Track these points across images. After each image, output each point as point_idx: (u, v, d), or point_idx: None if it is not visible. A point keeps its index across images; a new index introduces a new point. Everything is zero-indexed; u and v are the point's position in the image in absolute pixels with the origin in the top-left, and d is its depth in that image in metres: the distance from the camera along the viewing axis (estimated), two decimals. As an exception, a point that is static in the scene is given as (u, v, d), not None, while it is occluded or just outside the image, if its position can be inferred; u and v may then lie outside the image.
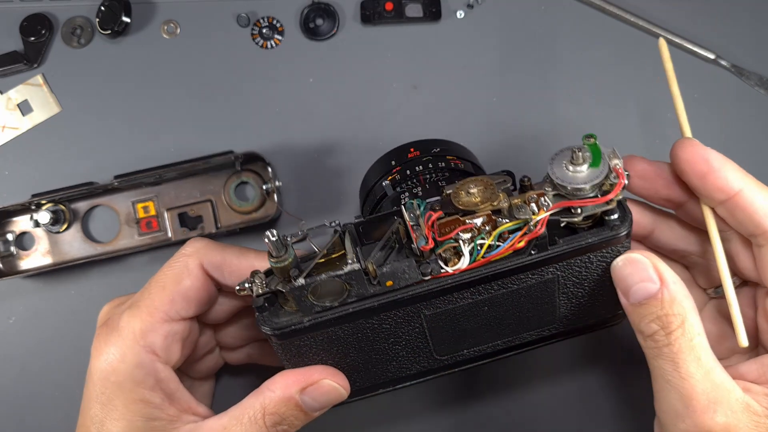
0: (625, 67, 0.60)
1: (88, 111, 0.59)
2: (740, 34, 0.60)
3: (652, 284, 0.38)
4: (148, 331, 0.42)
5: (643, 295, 0.39)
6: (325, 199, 0.59)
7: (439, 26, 0.60)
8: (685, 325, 0.38)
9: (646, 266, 0.39)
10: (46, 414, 0.57)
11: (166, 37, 0.60)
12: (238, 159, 0.56)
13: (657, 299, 0.38)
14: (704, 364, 0.38)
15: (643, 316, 0.39)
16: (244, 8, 0.60)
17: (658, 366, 0.39)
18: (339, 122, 0.59)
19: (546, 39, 0.60)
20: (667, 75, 0.45)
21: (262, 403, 0.42)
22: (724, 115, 0.59)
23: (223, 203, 0.58)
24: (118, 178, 0.56)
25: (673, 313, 0.38)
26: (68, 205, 0.58)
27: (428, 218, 0.38)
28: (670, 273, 0.39)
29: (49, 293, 0.58)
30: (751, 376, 0.40)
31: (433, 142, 0.48)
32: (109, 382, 0.42)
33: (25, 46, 0.59)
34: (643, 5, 0.60)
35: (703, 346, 0.38)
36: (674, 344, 0.38)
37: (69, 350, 0.57)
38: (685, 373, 0.38)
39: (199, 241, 0.45)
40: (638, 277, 0.39)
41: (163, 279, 0.44)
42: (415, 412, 0.57)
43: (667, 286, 0.38)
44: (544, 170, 0.42)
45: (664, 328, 0.38)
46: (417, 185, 0.45)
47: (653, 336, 0.39)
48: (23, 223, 0.58)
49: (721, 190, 0.40)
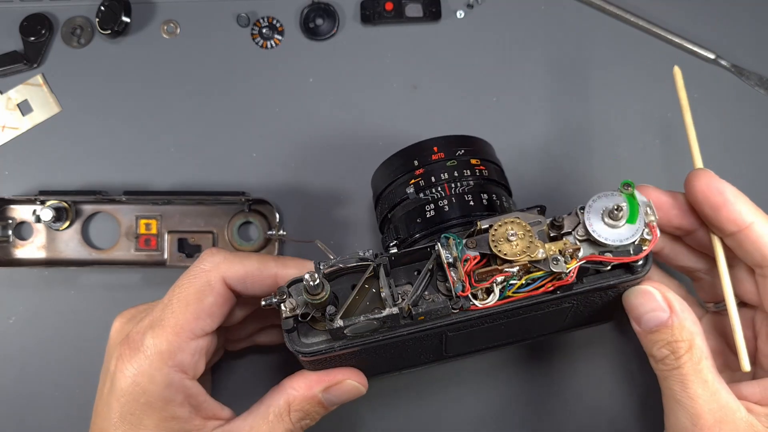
0: (625, 67, 0.60)
1: (88, 111, 0.59)
2: (740, 34, 0.60)
3: (662, 313, 0.42)
4: (176, 350, 0.43)
5: (654, 323, 0.42)
6: (325, 199, 0.59)
7: (439, 26, 0.60)
8: (693, 350, 0.41)
9: (656, 296, 0.42)
10: (46, 414, 0.57)
11: (166, 37, 0.60)
12: (249, 201, 0.56)
13: (667, 326, 0.41)
14: (710, 385, 0.41)
15: (654, 342, 0.42)
16: (244, 8, 0.60)
17: (668, 387, 0.42)
18: (339, 122, 0.59)
19: (546, 39, 0.60)
20: (680, 103, 0.46)
21: (286, 401, 0.45)
22: (724, 115, 0.59)
23: (225, 238, 0.58)
24: (128, 194, 0.56)
25: (682, 338, 0.41)
26: (73, 205, 0.58)
27: (465, 261, 0.40)
28: (679, 301, 0.42)
29: (49, 292, 0.58)
30: (754, 397, 0.43)
31: (456, 140, 0.47)
32: (139, 403, 0.42)
33: (25, 46, 0.59)
34: (643, 5, 0.60)
35: (710, 368, 0.41)
36: (683, 367, 0.41)
37: (69, 350, 0.57)
38: (693, 394, 0.40)
39: (218, 254, 0.45)
40: (649, 306, 0.42)
41: (185, 295, 0.43)
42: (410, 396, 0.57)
43: (677, 314, 0.41)
44: (544, 169, 0.42)
45: (674, 352, 0.41)
46: (443, 196, 0.45)
47: (664, 360, 0.42)
48: (25, 212, 0.58)
49: (733, 222, 0.42)
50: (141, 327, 0.43)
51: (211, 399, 0.46)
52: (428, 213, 0.45)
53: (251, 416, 0.45)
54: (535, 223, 0.40)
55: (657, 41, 0.60)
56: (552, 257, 0.39)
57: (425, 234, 0.45)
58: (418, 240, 0.45)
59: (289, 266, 0.46)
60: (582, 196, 0.58)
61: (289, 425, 0.45)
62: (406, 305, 0.39)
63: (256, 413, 0.45)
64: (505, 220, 0.40)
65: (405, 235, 0.45)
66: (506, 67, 0.60)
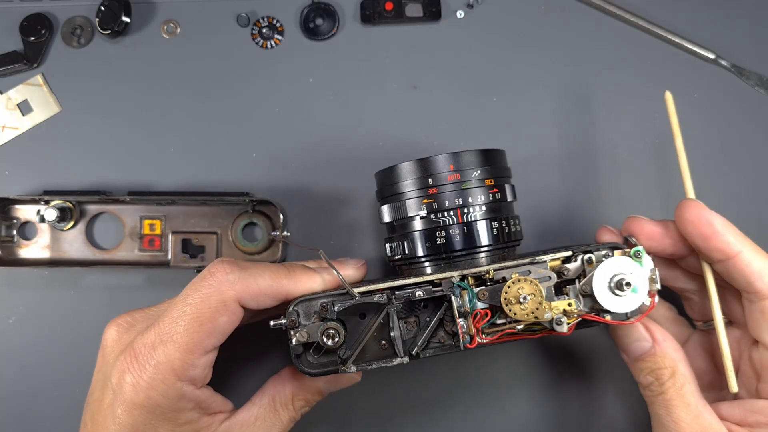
0: (624, 67, 0.60)
1: (88, 111, 0.59)
2: (740, 34, 0.60)
3: (645, 342, 0.46)
4: (189, 366, 0.43)
5: (639, 353, 0.46)
6: (326, 199, 0.59)
7: (439, 26, 0.60)
8: (676, 376, 0.45)
9: (639, 328, 0.46)
10: (46, 414, 0.57)
11: (166, 37, 0.60)
12: (253, 202, 0.56)
13: (650, 355, 0.46)
14: (693, 408, 0.44)
15: (640, 369, 0.46)
16: (244, 8, 0.60)
17: (654, 411, 0.46)
18: (339, 122, 0.59)
19: (546, 39, 0.60)
20: (672, 129, 0.48)
21: (291, 391, 0.48)
22: (724, 115, 0.59)
23: (229, 239, 0.58)
24: (132, 194, 0.56)
25: (665, 366, 0.45)
26: (77, 206, 0.58)
27: (475, 316, 0.43)
28: (660, 331, 0.46)
29: (49, 292, 0.58)
30: (734, 418, 0.45)
31: (473, 157, 0.47)
32: (154, 415, 0.43)
33: (25, 46, 0.59)
34: (643, 5, 0.60)
35: (692, 392, 0.45)
36: (667, 393, 0.45)
37: (70, 350, 0.57)
38: (677, 417, 0.44)
39: (231, 271, 0.44)
40: (633, 337, 0.46)
41: (199, 314, 0.43)
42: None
43: (659, 343, 0.46)
44: (543, 169, 0.42)
45: (658, 379, 0.45)
46: (454, 222, 0.46)
47: (650, 386, 0.46)
48: (29, 212, 0.58)
49: (722, 252, 0.44)
50: (148, 340, 0.43)
51: (218, 397, 0.46)
52: (438, 239, 0.46)
53: (255, 407, 0.48)
54: (544, 279, 0.43)
55: (657, 41, 0.60)
56: (557, 318, 0.42)
57: (433, 260, 0.46)
58: (425, 263, 0.47)
59: (301, 282, 0.46)
60: (581, 197, 0.58)
61: (293, 413, 0.48)
62: (416, 353, 0.43)
63: (260, 404, 0.48)
64: (518, 277, 0.43)
65: (412, 254, 0.47)
66: (506, 67, 0.60)
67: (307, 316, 0.43)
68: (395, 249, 0.48)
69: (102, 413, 0.43)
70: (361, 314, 0.45)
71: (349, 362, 0.43)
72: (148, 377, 0.42)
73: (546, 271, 0.43)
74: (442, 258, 0.46)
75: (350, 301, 0.43)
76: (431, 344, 0.44)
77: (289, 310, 0.43)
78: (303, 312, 0.43)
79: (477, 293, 0.43)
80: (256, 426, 0.47)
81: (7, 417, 0.57)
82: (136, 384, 0.42)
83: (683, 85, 0.59)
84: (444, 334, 0.44)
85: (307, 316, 0.43)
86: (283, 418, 0.48)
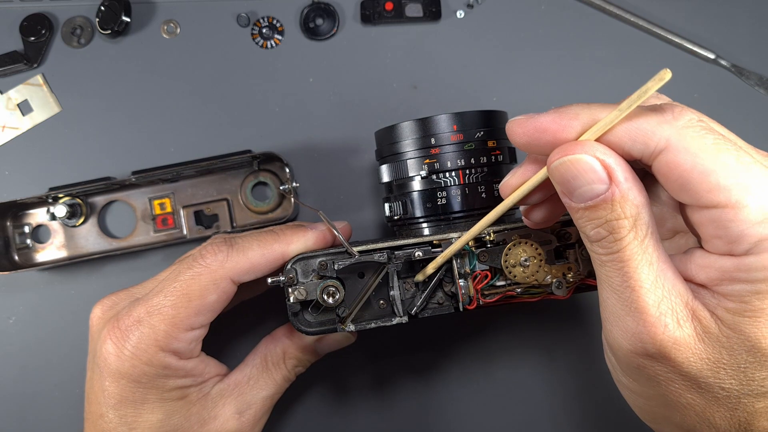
0: (624, 67, 0.60)
1: (88, 111, 0.59)
2: (740, 34, 0.60)
3: (600, 185, 0.33)
4: (172, 340, 0.43)
5: (589, 196, 0.33)
6: (325, 199, 0.59)
7: (439, 26, 0.60)
8: (638, 226, 0.33)
9: (594, 166, 0.33)
10: (46, 414, 0.57)
11: (166, 37, 0.60)
12: (256, 159, 0.56)
13: (606, 201, 0.33)
14: (656, 268, 0.33)
15: (589, 219, 0.34)
16: (244, 8, 0.60)
17: (604, 274, 0.34)
18: (339, 122, 0.59)
19: (546, 39, 0.60)
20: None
21: (282, 349, 0.48)
22: (724, 115, 0.59)
23: (240, 203, 0.58)
24: (136, 173, 0.56)
25: (625, 215, 0.33)
26: (85, 200, 0.58)
27: (475, 277, 0.42)
28: (622, 167, 0.33)
29: (59, 288, 0.58)
30: (699, 278, 0.34)
31: (476, 118, 0.46)
32: (140, 383, 0.43)
33: (25, 46, 0.59)
34: (643, 5, 0.60)
35: (656, 246, 0.33)
36: (625, 250, 0.33)
37: (69, 349, 0.57)
38: (636, 282, 0.33)
39: (221, 250, 0.44)
40: (585, 179, 0.33)
41: (188, 290, 0.43)
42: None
43: (618, 184, 0.33)
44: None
45: (614, 233, 0.33)
46: (455, 182, 0.45)
47: (601, 242, 0.34)
48: (40, 215, 0.58)
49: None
50: (134, 312, 0.43)
51: (210, 361, 0.47)
52: (439, 200, 0.45)
53: (248, 367, 0.48)
54: (545, 243, 0.42)
55: (657, 41, 0.60)
56: (556, 281, 0.42)
57: (433, 221, 0.46)
58: (423, 224, 0.46)
59: (293, 242, 0.45)
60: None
61: (285, 372, 0.48)
62: (415, 313, 0.42)
63: (252, 364, 0.48)
64: (518, 239, 0.42)
65: (411, 214, 0.46)
66: (506, 67, 0.60)
67: (306, 274, 0.42)
68: (394, 209, 0.47)
69: (93, 391, 0.44)
70: (360, 273, 0.44)
71: (348, 321, 0.42)
72: (131, 347, 0.42)
73: (547, 235, 0.43)
74: (441, 219, 0.45)
75: (350, 259, 0.42)
76: (430, 305, 0.43)
77: (287, 267, 0.42)
78: (301, 270, 0.43)
79: (478, 254, 0.42)
80: (249, 386, 0.47)
81: (7, 417, 0.57)
82: (119, 354, 0.42)
83: (683, 85, 0.60)
84: (443, 295, 0.43)
85: (306, 274, 0.42)
86: (276, 377, 0.48)
